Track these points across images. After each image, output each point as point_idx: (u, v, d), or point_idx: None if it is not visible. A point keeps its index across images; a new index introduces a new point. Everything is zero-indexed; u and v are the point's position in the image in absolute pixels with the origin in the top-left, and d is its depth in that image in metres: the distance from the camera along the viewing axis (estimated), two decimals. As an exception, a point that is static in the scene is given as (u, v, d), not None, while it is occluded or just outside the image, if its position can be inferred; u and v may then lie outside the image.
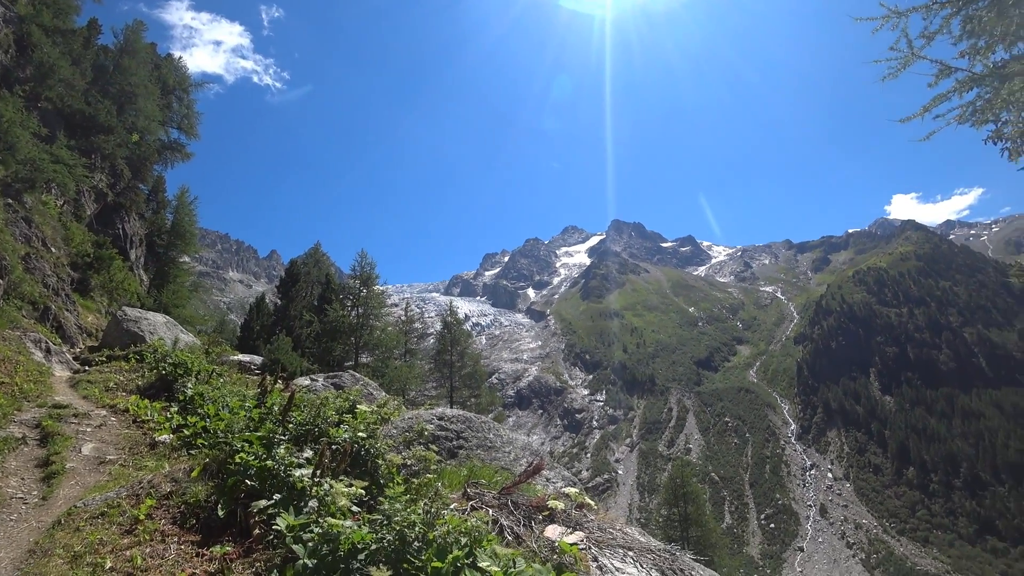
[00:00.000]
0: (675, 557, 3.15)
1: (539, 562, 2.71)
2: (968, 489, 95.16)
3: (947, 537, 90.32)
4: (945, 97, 6.02)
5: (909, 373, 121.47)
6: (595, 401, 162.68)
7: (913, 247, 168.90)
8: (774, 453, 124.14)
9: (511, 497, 3.30)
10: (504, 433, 4.97)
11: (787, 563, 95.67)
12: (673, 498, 32.95)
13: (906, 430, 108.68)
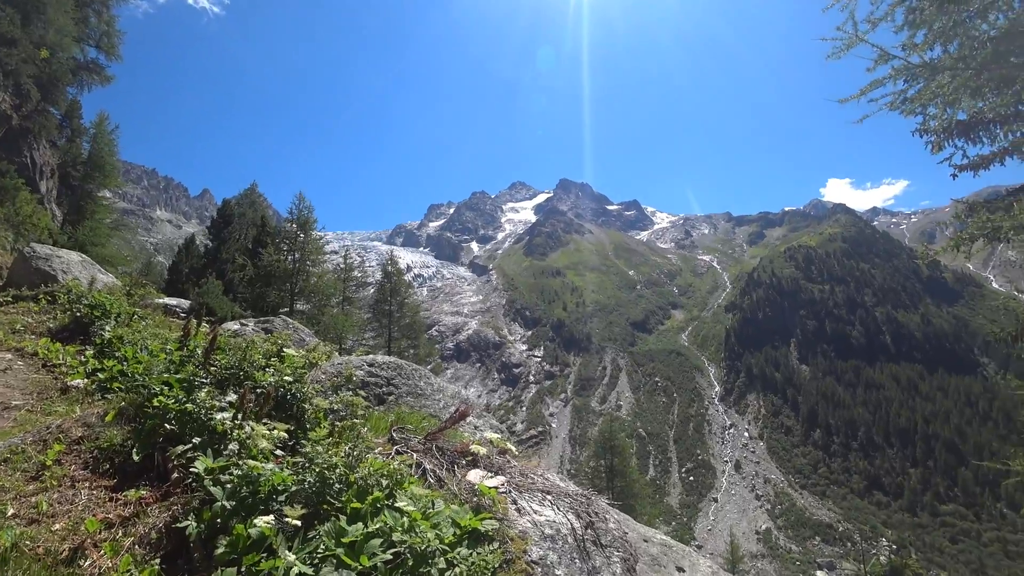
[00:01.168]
0: (590, 501, 3.33)
1: (458, 503, 2.80)
2: (863, 450, 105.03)
3: (841, 491, 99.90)
4: (881, 83, 6.26)
5: (825, 345, 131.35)
6: (533, 357, 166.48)
7: (841, 229, 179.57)
8: (698, 412, 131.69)
9: (436, 443, 3.36)
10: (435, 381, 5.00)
11: (702, 512, 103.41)
12: (601, 451, 34.50)
13: (817, 396, 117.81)
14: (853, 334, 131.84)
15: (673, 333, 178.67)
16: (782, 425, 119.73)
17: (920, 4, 6.63)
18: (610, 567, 3.10)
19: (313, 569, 2.33)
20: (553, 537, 2.91)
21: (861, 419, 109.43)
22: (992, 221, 5.44)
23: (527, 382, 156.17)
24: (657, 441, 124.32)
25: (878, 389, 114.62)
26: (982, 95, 5.85)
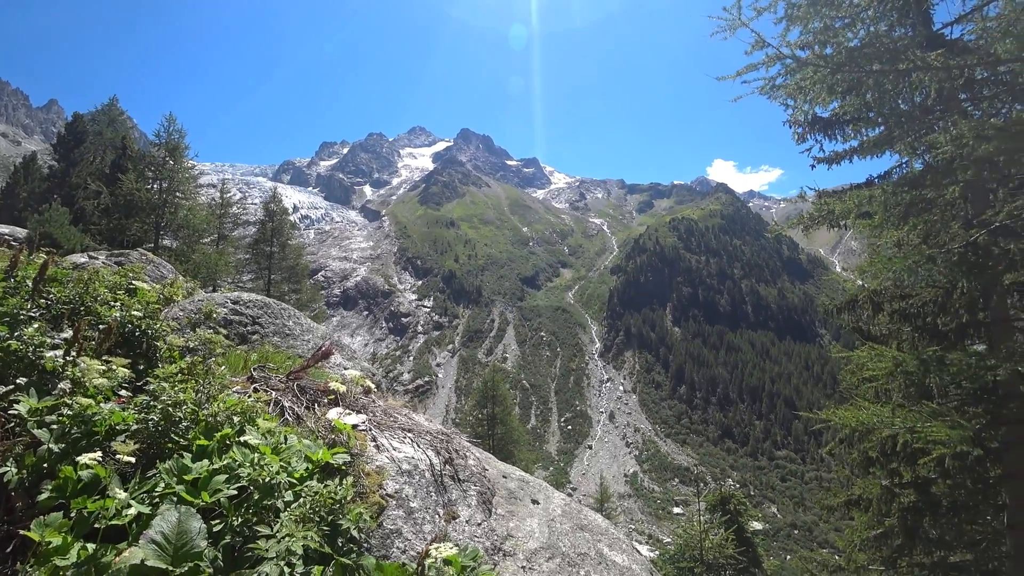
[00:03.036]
0: (450, 439, 3.47)
1: (313, 439, 2.81)
2: (719, 404, 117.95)
3: (699, 440, 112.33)
4: (755, 67, 6.70)
5: (696, 311, 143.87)
6: (422, 307, 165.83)
7: (721, 207, 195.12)
8: (579, 367, 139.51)
9: (298, 382, 3.30)
10: (305, 322, 4.83)
11: (578, 458, 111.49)
12: (483, 399, 35.47)
13: (685, 356, 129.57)
14: (721, 302, 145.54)
15: (560, 291, 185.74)
16: (653, 380, 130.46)
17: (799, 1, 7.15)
18: (466, 499, 3.29)
19: (150, 508, 2.23)
20: (411, 472, 3.02)
21: (720, 377, 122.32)
22: (828, 205, 6.19)
23: (415, 332, 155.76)
24: (539, 392, 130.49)
25: (737, 352, 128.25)
26: (837, 95, 6.51)
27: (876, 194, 5.66)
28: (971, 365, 5.31)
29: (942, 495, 8.72)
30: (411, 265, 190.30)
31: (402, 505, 2.84)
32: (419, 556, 2.29)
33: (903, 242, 8.23)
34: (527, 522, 3.59)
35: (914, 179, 5.52)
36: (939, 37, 7.88)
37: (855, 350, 6.96)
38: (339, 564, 2.23)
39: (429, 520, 2.87)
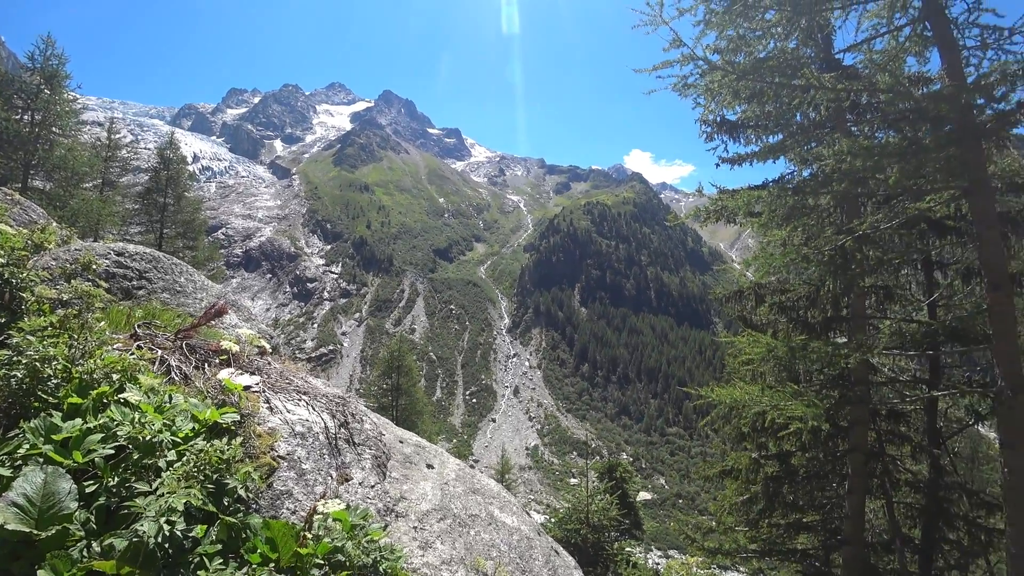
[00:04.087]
0: (347, 403, 3.47)
1: (201, 399, 2.71)
2: (618, 383, 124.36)
3: (597, 416, 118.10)
4: (670, 64, 6.99)
5: (603, 293, 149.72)
6: (330, 273, 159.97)
7: (634, 195, 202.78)
8: (486, 341, 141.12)
9: (188, 341, 3.14)
10: (199, 279, 4.54)
11: (481, 431, 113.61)
12: (388, 370, 35.04)
13: (590, 336, 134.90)
14: (627, 286, 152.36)
15: (473, 265, 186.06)
16: (558, 358, 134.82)
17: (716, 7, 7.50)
18: (360, 463, 3.31)
19: (11, 471, 2.07)
20: (304, 435, 3.00)
21: (621, 358, 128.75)
22: (721, 201, 6.70)
23: (321, 298, 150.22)
24: (446, 365, 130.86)
25: (638, 334, 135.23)
26: (741, 100, 6.97)
27: (763, 196, 6.19)
28: (828, 353, 6.01)
29: (800, 466, 9.87)
30: (320, 228, 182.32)
31: (294, 467, 2.83)
32: (308, 513, 2.31)
33: (787, 241, 9.05)
34: (421, 485, 3.68)
35: (796, 186, 6.10)
36: (836, 61, 8.62)
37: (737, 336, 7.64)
38: (224, 523, 2.20)
39: (321, 482, 2.88)
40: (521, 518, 4.66)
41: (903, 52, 7.10)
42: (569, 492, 7.35)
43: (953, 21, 6.08)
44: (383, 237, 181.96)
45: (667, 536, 74.74)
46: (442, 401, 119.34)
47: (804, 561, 11.39)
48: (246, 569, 2.10)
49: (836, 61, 8.64)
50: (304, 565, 2.17)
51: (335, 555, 2.22)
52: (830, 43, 8.79)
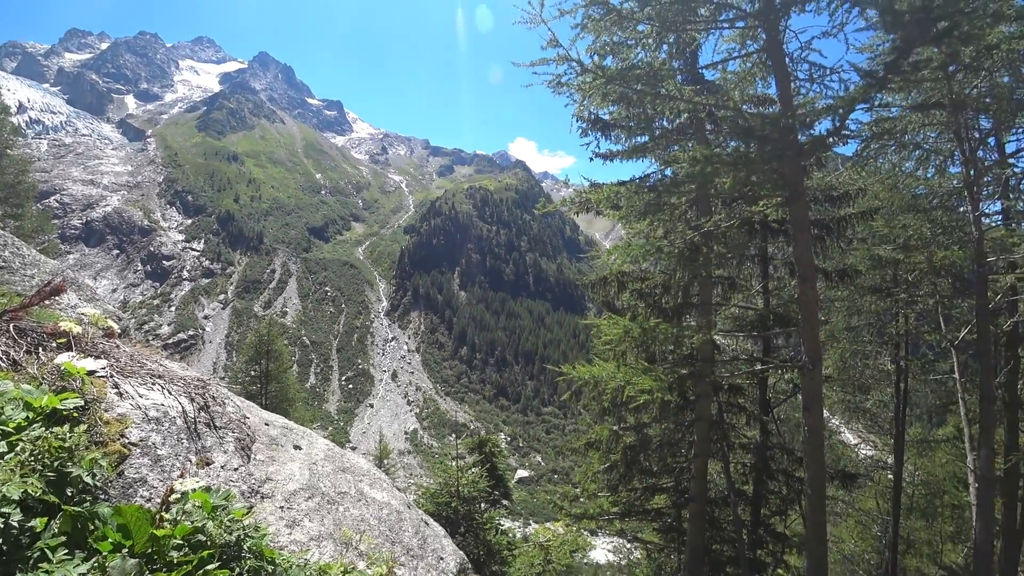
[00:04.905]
0: (207, 385, 3.35)
1: (35, 386, 2.50)
2: (496, 366, 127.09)
3: (476, 398, 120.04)
4: (547, 62, 7.30)
5: (482, 277, 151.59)
6: (190, 250, 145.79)
7: (517, 182, 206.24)
8: (363, 324, 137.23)
9: (17, 323, 2.84)
10: (28, 252, 4.02)
11: (358, 417, 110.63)
12: (257, 355, 33.01)
13: (469, 319, 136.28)
14: (506, 271, 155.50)
15: (350, 245, 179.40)
16: (437, 341, 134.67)
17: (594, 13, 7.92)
18: (223, 446, 3.24)
19: None
20: (159, 420, 2.87)
21: (499, 341, 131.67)
22: (586, 193, 7.24)
23: (180, 279, 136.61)
24: (320, 350, 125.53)
25: (516, 318, 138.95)
26: (609, 102, 7.50)
27: (623, 192, 6.78)
28: (674, 334, 6.78)
29: (654, 435, 11.00)
30: (180, 200, 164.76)
31: (148, 453, 2.72)
32: (163, 495, 2.26)
33: (648, 234, 9.92)
34: (288, 466, 3.67)
35: (652, 184, 6.75)
36: (699, 75, 9.50)
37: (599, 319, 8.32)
38: (68, 514, 2.08)
39: (179, 467, 2.79)
40: (391, 494, 4.79)
41: (751, 75, 8.03)
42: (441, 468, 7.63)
43: (789, 55, 7.00)
44: (253, 212, 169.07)
45: (544, 509, 78.32)
46: (316, 387, 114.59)
47: (659, 519, 12.76)
48: (96, 559, 2.02)
49: (700, 75, 9.53)
50: (162, 548, 2.13)
51: (195, 535, 2.20)
52: (696, 58, 9.65)
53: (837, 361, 15.64)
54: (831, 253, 11.46)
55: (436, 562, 4.47)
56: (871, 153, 10.24)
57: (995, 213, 12.31)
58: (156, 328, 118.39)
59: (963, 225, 10.50)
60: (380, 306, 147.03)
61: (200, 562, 2.14)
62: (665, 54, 8.84)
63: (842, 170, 11.80)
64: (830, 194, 11.02)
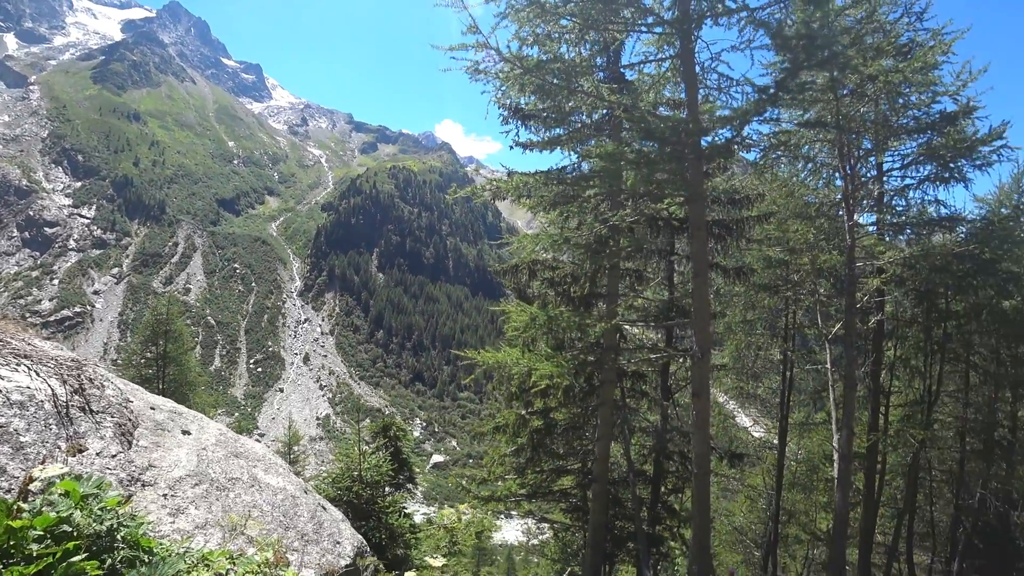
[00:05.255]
0: (82, 367, 3.15)
1: None
2: (413, 350, 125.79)
3: (391, 383, 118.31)
4: (466, 47, 7.27)
5: (401, 260, 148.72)
6: (79, 216, 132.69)
7: (441, 165, 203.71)
8: (275, 305, 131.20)
9: None
10: None
11: (267, 402, 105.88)
12: (154, 335, 30.70)
13: (386, 302, 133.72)
14: (426, 254, 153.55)
15: (263, 220, 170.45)
16: (352, 324, 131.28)
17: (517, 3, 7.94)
18: (99, 431, 3.07)
19: None
20: (24, 403, 2.68)
21: (417, 325, 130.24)
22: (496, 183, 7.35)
23: (65, 248, 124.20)
24: (227, 331, 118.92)
25: (435, 302, 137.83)
26: (527, 93, 7.59)
27: (531, 182, 6.93)
28: (576, 322, 7.08)
29: (561, 419, 11.45)
30: (68, 159, 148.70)
31: (8, 440, 2.54)
32: (22, 484, 2.13)
33: (563, 224, 10.20)
34: (174, 452, 3.53)
35: (560, 176, 6.95)
36: (620, 74, 9.78)
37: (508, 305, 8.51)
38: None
39: (48, 455, 2.63)
40: (287, 479, 4.73)
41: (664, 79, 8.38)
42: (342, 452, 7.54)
43: (701, 64, 7.40)
44: (155, 179, 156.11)
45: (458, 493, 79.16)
46: (222, 371, 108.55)
47: (566, 500, 13.33)
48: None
49: (621, 75, 9.81)
50: (20, 540, 2.02)
51: (60, 526, 2.10)
52: (619, 57, 9.92)
53: (733, 351, 16.98)
54: (731, 252, 12.32)
55: (332, 546, 4.47)
56: (769, 162, 11.06)
57: (870, 224, 13.71)
58: (34, 303, 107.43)
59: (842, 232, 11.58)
60: (293, 286, 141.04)
61: (65, 554, 2.05)
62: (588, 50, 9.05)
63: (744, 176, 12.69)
64: (733, 197, 11.83)
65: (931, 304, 13.71)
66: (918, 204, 12.34)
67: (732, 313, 15.81)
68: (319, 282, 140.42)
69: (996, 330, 14.58)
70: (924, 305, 13.92)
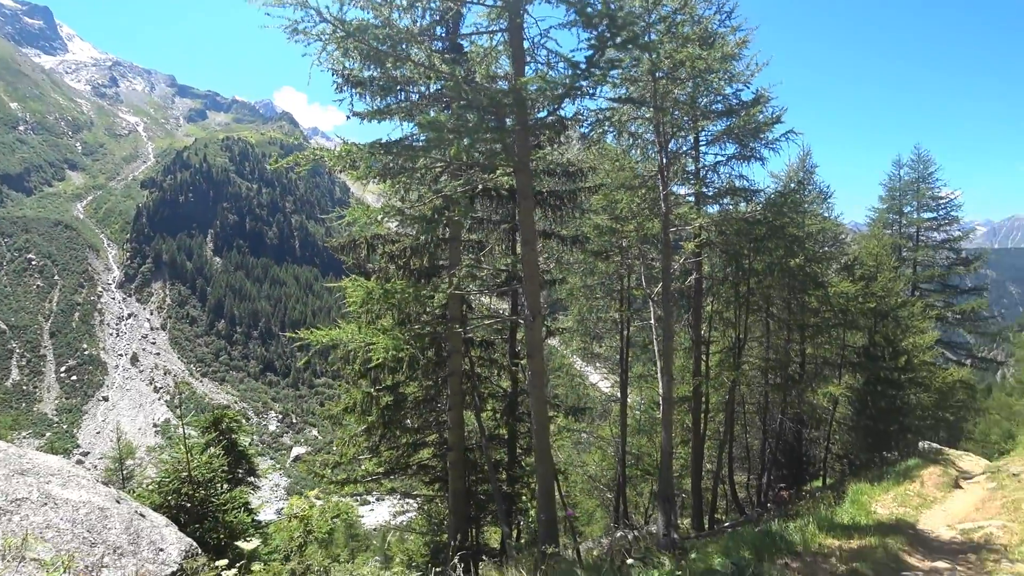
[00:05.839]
0: None
1: None
2: (261, 338, 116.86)
3: (239, 376, 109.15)
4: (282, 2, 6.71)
5: (241, 241, 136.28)
6: None
7: (283, 136, 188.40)
8: (88, 300, 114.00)
9: None
10: None
11: (89, 415, 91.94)
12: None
13: (225, 289, 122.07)
14: (269, 234, 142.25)
15: (65, 200, 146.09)
16: (188, 316, 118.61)
17: None
18: None
19: None
20: None
21: (264, 311, 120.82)
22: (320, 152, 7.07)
23: None
24: (26, 335, 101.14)
25: (282, 285, 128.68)
26: (352, 59, 7.26)
27: (354, 151, 6.75)
28: (413, 294, 7.12)
29: (411, 393, 11.51)
30: None
31: None
32: None
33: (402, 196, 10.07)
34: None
35: (385, 147, 6.85)
36: (460, 45, 9.69)
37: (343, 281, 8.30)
38: None
39: None
40: (92, 491, 4.33)
41: (496, 52, 8.50)
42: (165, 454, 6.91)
43: (530, 39, 7.61)
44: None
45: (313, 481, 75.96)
46: (23, 385, 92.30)
47: (426, 472, 13.51)
48: None
49: (460, 45, 9.75)
50: None
51: None
52: (458, 27, 9.82)
53: (576, 315, 18.34)
54: (568, 221, 13.14)
55: (154, 555, 4.23)
56: (596, 137, 11.91)
57: (690, 195, 15.47)
58: None
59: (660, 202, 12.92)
60: (110, 276, 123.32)
61: None
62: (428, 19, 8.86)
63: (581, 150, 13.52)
64: (568, 169, 12.59)
65: (737, 264, 15.99)
66: (727, 178, 14.37)
67: (573, 279, 17.03)
68: (143, 271, 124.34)
69: (787, 284, 17.53)
70: (732, 265, 16.21)
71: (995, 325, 30.75)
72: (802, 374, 20.22)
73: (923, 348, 20.18)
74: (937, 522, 7.93)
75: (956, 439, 25.97)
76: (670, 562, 6.49)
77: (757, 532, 6.66)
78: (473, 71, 7.91)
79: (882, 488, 10.50)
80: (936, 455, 14.42)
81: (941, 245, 27.65)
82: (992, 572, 5.42)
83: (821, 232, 19.54)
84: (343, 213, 7.69)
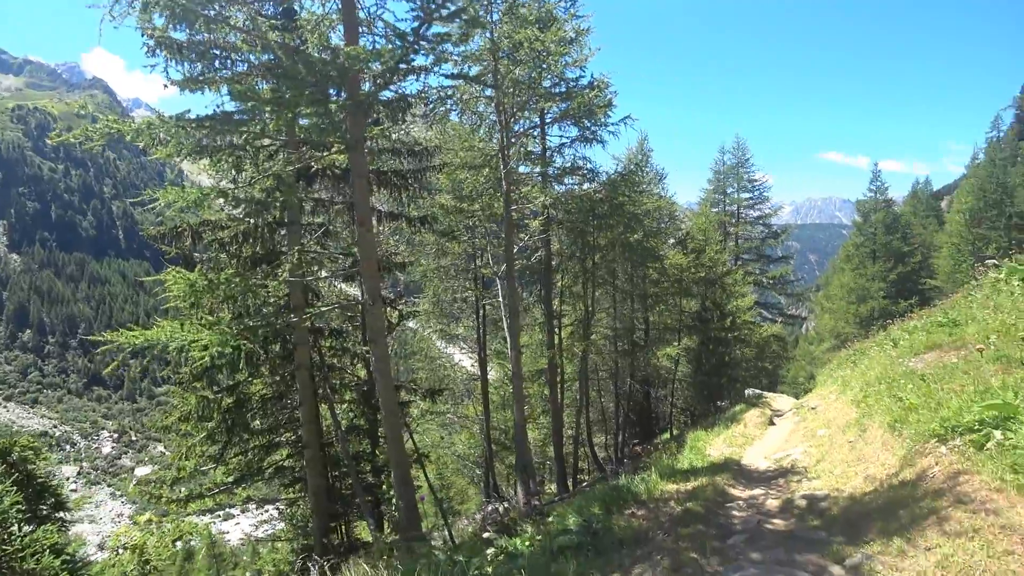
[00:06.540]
0: None
1: None
2: (82, 348, 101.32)
3: (57, 394, 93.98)
4: None
5: (46, 233, 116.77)
6: None
7: (95, 108, 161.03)
8: None
9: None
10: None
11: None
12: None
13: (29, 291, 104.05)
14: (84, 224, 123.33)
15: None
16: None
17: None
18: None
19: None
20: None
21: (83, 315, 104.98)
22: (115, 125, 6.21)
23: None
24: None
25: (104, 284, 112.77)
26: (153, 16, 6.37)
27: (158, 124, 6.04)
28: (238, 284, 6.57)
29: (256, 392, 10.67)
30: None
31: None
32: None
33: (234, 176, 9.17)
34: None
35: (197, 121, 6.20)
36: (292, 11, 8.85)
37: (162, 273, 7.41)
38: None
39: None
40: None
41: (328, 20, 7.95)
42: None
43: (366, 9, 7.20)
44: None
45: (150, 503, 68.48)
46: None
47: (284, 475, 12.66)
48: None
49: (292, 10, 8.92)
50: None
51: None
52: None
53: (432, 296, 18.28)
54: (416, 201, 12.92)
55: None
56: (440, 115, 11.82)
57: (537, 174, 16.01)
58: None
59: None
60: None
61: None
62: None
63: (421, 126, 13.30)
64: (413, 148, 12.31)
65: (583, 240, 16.99)
66: (571, 159, 15.12)
67: (427, 261, 16.90)
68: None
69: (628, 258, 18.98)
70: (579, 242, 17.17)
71: (799, 287, 36.23)
72: (646, 340, 22.22)
73: (744, 309, 23.26)
74: (756, 456, 9.12)
75: (775, 384, 30.51)
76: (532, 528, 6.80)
77: (608, 487, 7.17)
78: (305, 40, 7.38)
79: (715, 433, 11.86)
80: (757, 399, 16.57)
81: (757, 221, 32.03)
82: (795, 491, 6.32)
83: (657, 210, 21.35)
84: (156, 195, 6.77)
